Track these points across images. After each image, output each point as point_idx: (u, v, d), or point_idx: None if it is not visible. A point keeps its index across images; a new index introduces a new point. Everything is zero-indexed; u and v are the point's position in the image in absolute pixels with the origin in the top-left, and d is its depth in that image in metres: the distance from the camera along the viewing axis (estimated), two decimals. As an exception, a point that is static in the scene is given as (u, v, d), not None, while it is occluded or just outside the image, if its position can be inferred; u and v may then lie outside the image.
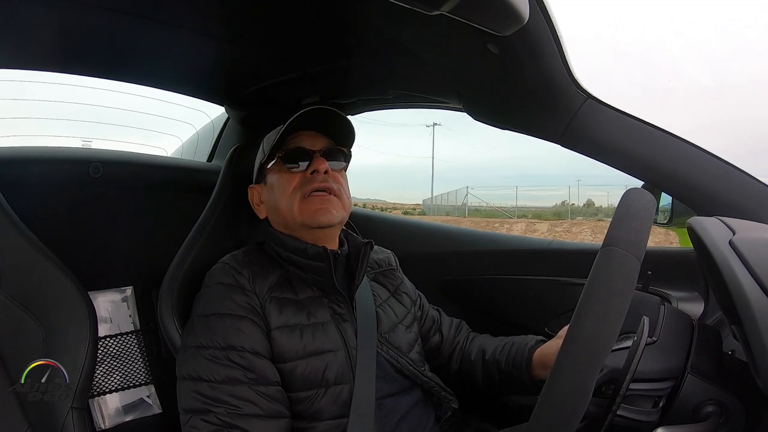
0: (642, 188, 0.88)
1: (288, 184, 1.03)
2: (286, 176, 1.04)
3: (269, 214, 1.10)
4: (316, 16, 1.10)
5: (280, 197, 1.04)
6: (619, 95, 56.76)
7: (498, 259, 1.60)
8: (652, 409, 0.73)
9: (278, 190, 1.05)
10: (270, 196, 1.08)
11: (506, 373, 1.10)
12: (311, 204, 1.01)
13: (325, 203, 1.02)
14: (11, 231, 1.02)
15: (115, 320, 1.38)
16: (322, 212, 1.01)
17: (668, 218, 1.16)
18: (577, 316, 0.59)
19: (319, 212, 1.01)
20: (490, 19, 0.70)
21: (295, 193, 1.02)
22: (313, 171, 1.02)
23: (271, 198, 1.08)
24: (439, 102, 1.42)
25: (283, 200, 1.03)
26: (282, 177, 1.05)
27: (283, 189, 1.04)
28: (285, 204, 1.03)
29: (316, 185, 1.02)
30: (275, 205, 1.06)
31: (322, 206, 1.01)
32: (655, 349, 0.75)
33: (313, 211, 1.01)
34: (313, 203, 1.01)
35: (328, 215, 1.01)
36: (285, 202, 1.03)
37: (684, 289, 1.22)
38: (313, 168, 1.02)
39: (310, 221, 1.01)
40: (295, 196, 1.02)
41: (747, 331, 0.59)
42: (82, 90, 1.74)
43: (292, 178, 1.03)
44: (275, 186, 1.06)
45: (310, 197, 1.02)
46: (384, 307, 1.12)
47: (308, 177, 1.02)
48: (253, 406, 0.87)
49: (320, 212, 1.01)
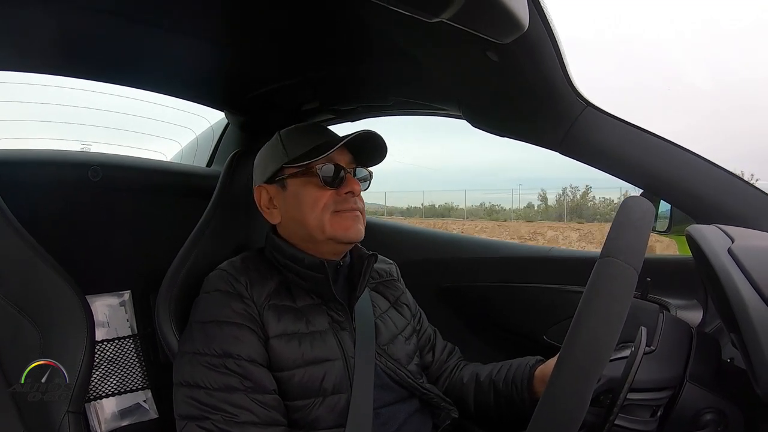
0: (641, 196, 0.88)
1: (319, 199, 1.00)
2: (316, 191, 1.00)
3: (284, 220, 1.05)
4: (317, 22, 1.11)
5: (309, 211, 1.00)
6: (617, 99, 56.53)
7: (497, 266, 1.60)
8: (650, 419, 0.73)
9: (306, 204, 1.00)
10: (290, 204, 1.03)
11: (504, 393, 1.08)
12: (344, 221, 1.00)
13: (355, 221, 1.01)
14: (9, 233, 1.02)
15: (113, 324, 1.38)
16: (354, 230, 1.01)
17: (667, 226, 1.16)
18: (575, 326, 0.58)
19: (352, 230, 1.00)
20: (489, 26, 0.70)
21: (326, 209, 1.00)
22: (348, 191, 1.01)
23: (291, 208, 1.03)
24: (438, 109, 1.43)
25: (312, 214, 1.00)
26: (311, 190, 1.00)
27: (313, 204, 1.00)
28: (314, 219, 1.00)
29: (349, 206, 1.01)
30: (297, 216, 1.02)
31: (354, 224, 1.01)
32: (653, 358, 0.74)
33: (346, 228, 1.00)
34: (345, 220, 1.00)
35: (359, 233, 1.02)
36: (314, 216, 1.00)
37: (683, 297, 1.21)
38: (349, 189, 1.01)
39: (343, 237, 1.00)
40: (326, 212, 0.99)
41: (746, 339, 0.59)
42: (81, 93, 1.74)
43: (323, 194, 1.00)
44: (301, 197, 1.01)
45: (342, 214, 1.00)
46: (384, 318, 1.11)
47: (342, 196, 1.00)
48: (249, 414, 0.87)
49: (353, 230, 1.00)
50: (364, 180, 1.08)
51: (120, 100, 1.81)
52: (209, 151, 1.87)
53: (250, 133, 1.71)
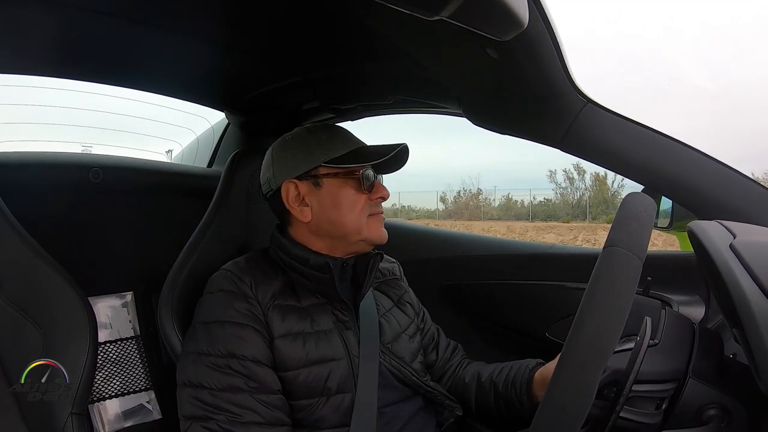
0: (642, 192, 0.88)
1: (357, 202, 1.02)
2: (354, 194, 1.02)
3: (315, 219, 1.03)
4: (316, 21, 1.10)
5: (347, 213, 1.01)
6: (617, 98, 56.08)
7: (499, 264, 1.60)
8: (654, 411, 0.73)
9: (344, 205, 1.01)
10: (325, 204, 1.02)
11: (503, 394, 1.08)
12: (377, 225, 1.04)
13: (382, 225, 1.07)
14: (11, 235, 1.02)
15: (115, 326, 1.38)
16: (384, 234, 1.05)
17: (668, 222, 1.15)
18: (580, 316, 0.58)
19: (383, 233, 1.05)
20: (489, 24, 0.70)
21: (363, 212, 1.02)
22: (379, 197, 1.05)
23: (326, 208, 1.02)
24: (438, 107, 1.42)
25: (350, 217, 1.01)
26: (349, 193, 1.02)
27: (351, 206, 1.01)
28: (352, 221, 1.01)
29: (380, 210, 1.06)
30: (333, 217, 1.01)
31: (382, 228, 1.06)
32: (657, 351, 0.75)
33: (379, 232, 1.04)
34: (378, 224, 1.05)
35: (386, 236, 1.06)
36: (352, 219, 1.01)
37: (685, 293, 1.21)
38: (380, 195, 1.05)
39: (377, 239, 1.04)
40: (364, 215, 1.02)
41: (748, 334, 0.59)
42: (82, 95, 1.74)
43: (360, 197, 1.02)
44: (338, 198, 1.01)
45: (373, 218, 1.04)
46: (387, 316, 1.11)
47: (373, 201, 1.04)
48: (253, 414, 0.87)
49: (383, 233, 1.05)
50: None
51: (120, 102, 1.82)
52: (210, 151, 1.87)
53: (251, 133, 1.71)
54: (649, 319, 0.74)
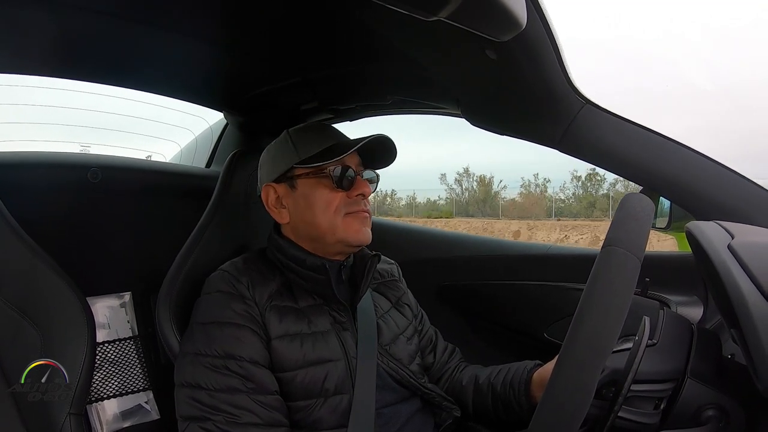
0: (640, 193, 0.88)
1: (331, 201, 0.99)
2: (327, 192, 1.00)
3: (293, 221, 1.04)
4: (315, 21, 1.10)
5: (321, 213, 1.00)
6: (616, 99, 56.36)
7: (497, 265, 1.60)
8: (653, 411, 0.73)
9: (317, 205, 1.00)
10: (300, 205, 1.02)
11: (501, 396, 1.07)
12: (354, 224, 1.00)
13: (365, 224, 1.02)
14: (9, 236, 1.02)
15: (113, 326, 1.38)
16: (363, 234, 1.01)
17: (667, 223, 1.16)
18: (579, 315, 0.59)
19: (361, 233, 1.01)
20: (488, 25, 0.70)
21: (338, 211, 1.00)
22: (359, 194, 1.01)
23: (301, 209, 1.02)
24: (437, 108, 1.43)
25: (324, 217, 0.99)
26: (323, 192, 1.00)
27: (325, 206, 0.99)
28: (326, 221, 0.99)
29: (360, 208, 1.01)
30: (308, 217, 1.01)
31: (363, 228, 1.01)
32: (655, 351, 0.75)
33: (357, 231, 1.00)
34: (355, 223, 1.00)
35: (368, 236, 1.02)
36: (326, 219, 0.99)
37: (683, 294, 1.22)
38: (360, 192, 1.01)
39: (354, 240, 1.00)
40: (339, 214, 0.99)
41: (746, 334, 0.60)
42: (80, 95, 1.74)
43: (335, 195, 1.00)
44: (312, 198, 1.01)
45: (352, 217, 1.00)
46: (385, 318, 1.11)
47: (352, 198, 1.01)
48: (251, 415, 0.87)
49: (362, 233, 1.01)
50: (372, 182, 1.08)
51: (119, 102, 1.82)
52: (208, 151, 1.87)
53: (249, 133, 1.71)
54: (647, 318, 0.74)
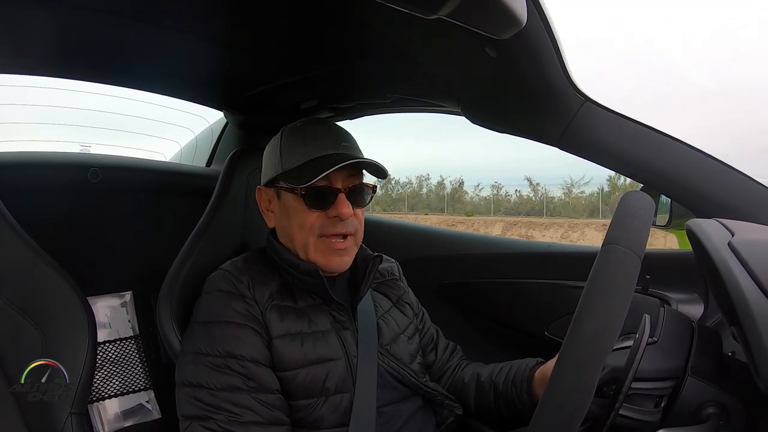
0: (640, 191, 0.88)
1: (305, 221, 0.96)
2: (303, 211, 0.96)
3: (278, 227, 1.04)
4: (315, 20, 1.10)
5: (295, 229, 0.98)
6: (618, 98, 55.49)
7: (497, 263, 1.60)
8: (654, 409, 0.73)
9: (293, 221, 0.98)
10: (282, 216, 1.01)
11: (503, 393, 1.07)
12: (327, 249, 0.97)
13: (341, 253, 0.98)
14: (10, 236, 1.02)
15: (114, 325, 1.38)
16: (337, 262, 0.98)
17: (667, 220, 1.16)
18: (579, 314, 0.58)
19: (334, 262, 0.98)
20: (488, 22, 0.70)
21: (311, 232, 0.96)
22: (335, 216, 0.95)
23: (282, 219, 1.01)
24: (437, 106, 1.42)
25: (298, 234, 0.97)
26: (299, 209, 0.97)
27: (299, 225, 0.97)
28: (299, 238, 0.97)
29: (336, 231, 0.97)
30: (286, 230, 1.00)
31: (338, 256, 0.98)
32: (656, 348, 0.75)
33: (328, 258, 0.97)
34: (329, 249, 0.97)
35: (341, 264, 0.99)
36: (299, 236, 0.97)
37: (683, 291, 1.21)
38: (336, 213, 0.95)
39: (324, 267, 0.97)
40: (312, 236, 0.96)
41: (747, 332, 0.60)
42: (80, 95, 1.74)
43: (309, 215, 0.96)
44: (290, 212, 0.98)
45: (328, 239, 0.97)
46: (386, 318, 1.11)
47: (330, 219, 0.96)
48: (252, 414, 0.87)
49: (334, 262, 0.98)
50: (364, 195, 1.02)
51: (119, 101, 1.81)
52: (208, 150, 1.87)
53: (250, 132, 1.71)
54: (647, 316, 0.74)
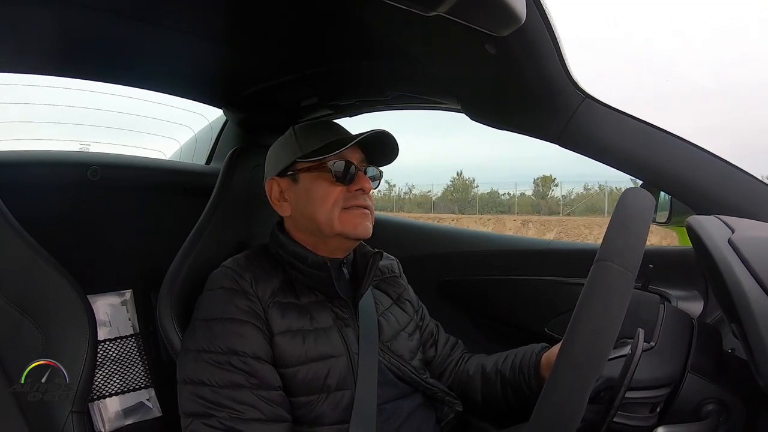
0: (641, 188, 0.88)
1: (330, 194, 1.00)
2: (327, 186, 1.01)
3: (294, 214, 1.05)
4: (314, 17, 1.10)
5: (318, 206, 1.00)
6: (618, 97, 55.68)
7: (497, 260, 1.60)
8: (649, 415, 0.73)
9: (317, 198, 1.01)
10: (301, 198, 1.03)
11: (511, 381, 1.07)
12: (353, 217, 1.00)
13: (364, 218, 1.02)
14: (10, 234, 1.02)
15: (115, 324, 1.38)
16: (363, 227, 1.01)
17: (667, 217, 1.16)
18: (571, 332, 0.58)
19: (360, 226, 1.01)
20: (487, 19, 0.70)
21: (336, 204, 1.00)
22: (358, 189, 1.01)
23: (302, 202, 1.03)
24: (437, 103, 1.42)
25: (322, 210, 1.00)
26: (322, 186, 1.01)
27: (323, 199, 1.00)
28: (324, 214, 1.00)
29: (360, 203, 1.01)
30: (308, 211, 1.02)
31: (363, 221, 1.01)
32: (653, 354, 0.74)
33: (355, 224, 1.00)
34: (355, 216, 1.00)
35: (367, 229, 1.02)
36: (324, 212, 1.00)
37: (683, 288, 1.22)
38: (359, 186, 1.01)
39: (352, 233, 1.00)
40: (336, 208, 1.00)
41: (747, 329, 0.60)
42: (79, 93, 1.74)
43: (334, 189, 1.00)
44: (311, 191, 1.02)
45: (351, 210, 1.01)
46: (386, 315, 1.11)
47: (351, 193, 1.01)
48: (254, 411, 0.87)
49: (360, 227, 1.01)
50: (375, 179, 1.08)
51: (118, 100, 1.81)
52: (208, 148, 1.86)
53: (249, 129, 1.71)
54: (641, 331, 0.73)
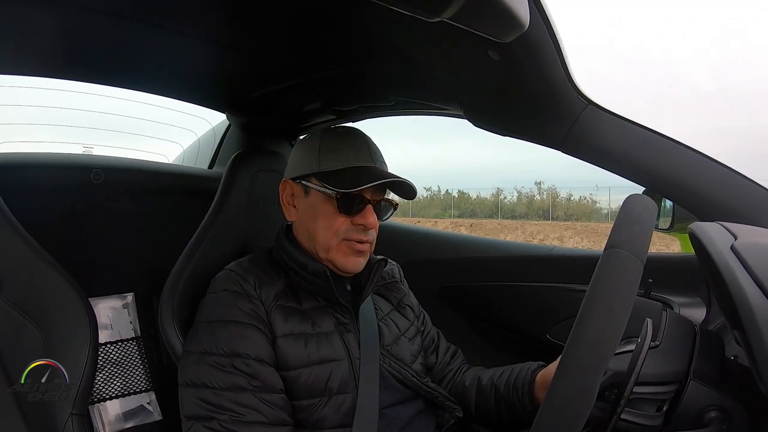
0: (643, 194, 0.88)
1: (332, 223, 0.99)
2: (332, 213, 0.99)
3: (298, 223, 1.05)
4: (318, 22, 1.11)
5: (320, 229, 1.00)
6: (620, 101, 55.71)
7: (499, 266, 1.60)
8: (655, 414, 0.73)
9: (320, 221, 1.00)
10: (307, 212, 1.03)
11: (505, 397, 1.07)
12: (348, 251, 1.00)
13: (359, 255, 1.01)
14: (12, 236, 1.02)
15: (116, 327, 1.38)
16: (353, 264, 1.01)
17: (670, 224, 1.15)
18: (581, 318, 0.58)
19: (350, 263, 1.00)
20: (490, 25, 0.70)
21: (336, 235, 0.99)
22: (361, 224, 0.99)
23: (307, 216, 1.03)
24: (440, 109, 1.43)
25: (322, 234, 1.00)
26: (328, 211, 0.99)
27: (326, 226, 0.99)
28: (322, 239, 1.00)
29: (359, 237, 1.00)
30: (310, 228, 1.02)
31: (357, 258, 1.01)
32: (658, 353, 0.74)
33: (347, 261, 1.00)
34: (350, 251, 1.00)
35: (357, 266, 1.02)
36: (323, 237, 0.99)
37: (686, 295, 1.21)
38: (363, 222, 0.99)
39: (341, 266, 1.00)
40: (336, 238, 0.99)
41: (749, 336, 0.59)
42: (83, 96, 1.74)
43: (338, 219, 0.99)
44: (317, 212, 1.00)
45: (349, 245, 1.00)
46: (386, 320, 1.11)
47: (354, 226, 0.99)
48: (256, 414, 0.87)
49: (351, 263, 1.00)
50: (386, 211, 1.06)
51: (121, 103, 1.82)
52: (211, 152, 1.87)
53: (252, 134, 1.71)
54: (650, 320, 0.73)
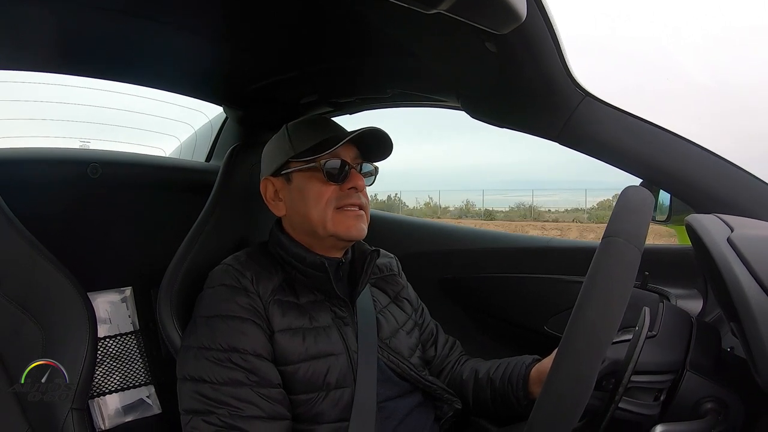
0: (640, 186, 0.88)
1: (322, 194, 0.99)
2: (319, 186, 1.00)
3: (288, 214, 1.05)
4: (314, 15, 1.10)
5: (312, 206, 1.00)
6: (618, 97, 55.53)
7: (497, 258, 1.60)
8: (653, 403, 0.74)
9: (310, 198, 1.00)
10: (295, 198, 1.03)
11: (500, 391, 1.08)
12: (346, 218, 1.00)
13: (358, 219, 1.01)
14: (9, 231, 1.02)
15: (114, 321, 1.38)
16: (356, 228, 1.00)
17: (666, 216, 1.16)
18: (579, 306, 0.59)
19: (353, 228, 1.00)
20: (487, 17, 0.70)
21: (329, 204, 0.99)
22: (351, 187, 1.00)
23: (296, 202, 1.03)
24: (437, 101, 1.42)
25: (315, 210, 1.00)
26: (314, 185, 1.00)
27: (316, 199, 1.00)
28: (317, 214, 0.99)
29: (352, 201, 1.01)
30: (302, 211, 1.02)
31: (357, 222, 1.01)
32: (655, 342, 0.75)
33: (348, 226, 1.00)
34: (348, 217, 1.00)
35: (360, 231, 1.01)
36: (317, 212, 0.99)
37: (683, 287, 1.22)
38: (352, 185, 1.00)
39: (344, 235, 1.00)
40: (329, 208, 0.99)
41: (745, 328, 0.60)
42: (79, 91, 1.74)
43: (326, 188, 1.00)
44: (304, 191, 1.01)
45: (344, 211, 1.00)
46: (384, 313, 1.12)
47: (344, 192, 1.00)
48: (254, 408, 0.87)
49: (354, 228, 1.00)
50: (370, 175, 1.08)
51: (118, 97, 1.82)
52: (208, 145, 1.87)
53: (249, 127, 1.71)
54: (647, 309, 0.74)
